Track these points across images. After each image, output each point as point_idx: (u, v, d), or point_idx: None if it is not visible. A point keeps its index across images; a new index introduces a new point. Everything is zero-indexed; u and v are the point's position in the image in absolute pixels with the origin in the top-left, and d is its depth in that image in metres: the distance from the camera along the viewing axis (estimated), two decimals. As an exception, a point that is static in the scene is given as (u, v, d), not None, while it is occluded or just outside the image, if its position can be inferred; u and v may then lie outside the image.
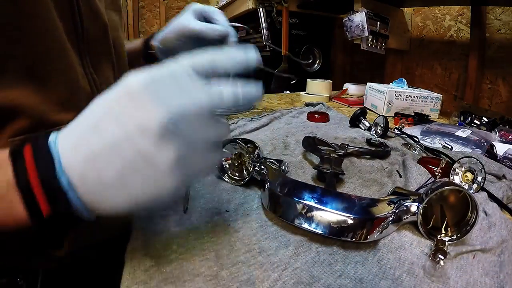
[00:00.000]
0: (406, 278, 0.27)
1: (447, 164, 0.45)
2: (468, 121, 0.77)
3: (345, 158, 0.51)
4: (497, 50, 1.02)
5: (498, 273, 0.28)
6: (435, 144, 0.61)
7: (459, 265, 0.29)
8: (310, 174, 0.47)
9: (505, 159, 0.53)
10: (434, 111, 0.86)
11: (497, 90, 1.04)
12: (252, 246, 0.31)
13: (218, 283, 0.26)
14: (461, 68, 1.15)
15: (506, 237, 0.32)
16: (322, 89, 1.09)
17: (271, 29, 1.45)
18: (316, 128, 0.71)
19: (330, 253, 0.30)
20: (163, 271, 0.27)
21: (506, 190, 0.42)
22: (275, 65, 1.51)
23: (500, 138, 0.63)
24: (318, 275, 0.28)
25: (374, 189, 0.43)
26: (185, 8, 0.53)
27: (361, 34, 1.05)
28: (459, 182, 0.42)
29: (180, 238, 0.32)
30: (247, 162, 0.43)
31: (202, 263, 0.28)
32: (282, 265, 0.28)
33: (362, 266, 0.29)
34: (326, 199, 0.33)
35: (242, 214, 0.36)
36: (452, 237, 0.32)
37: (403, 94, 0.84)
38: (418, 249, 0.31)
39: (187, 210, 0.36)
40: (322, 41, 1.77)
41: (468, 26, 1.09)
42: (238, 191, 0.41)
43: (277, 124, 0.73)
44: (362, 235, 0.31)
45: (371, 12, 1.05)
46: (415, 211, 0.33)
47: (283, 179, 0.39)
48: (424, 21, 1.27)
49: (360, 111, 0.71)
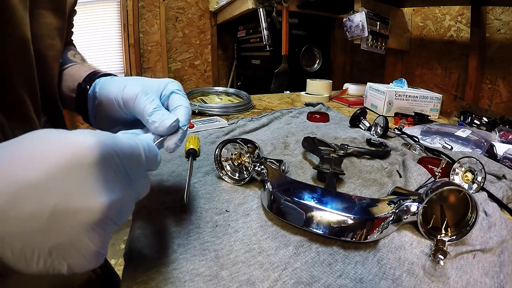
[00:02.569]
0: (406, 278, 0.27)
1: (447, 164, 0.45)
2: (468, 121, 0.77)
3: (345, 158, 0.51)
4: (497, 50, 1.02)
5: (498, 273, 0.28)
6: (435, 144, 0.61)
7: (459, 265, 0.29)
8: (310, 174, 0.47)
9: (505, 159, 0.53)
10: (434, 111, 0.86)
11: (497, 90, 1.04)
12: (252, 246, 0.31)
13: (218, 283, 0.26)
14: (461, 68, 1.15)
15: (506, 237, 0.32)
16: (322, 89, 1.09)
17: (271, 29, 1.46)
18: (316, 128, 0.71)
19: (330, 253, 0.30)
20: (163, 271, 0.27)
21: (506, 190, 0.42)
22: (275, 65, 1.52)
23: (500, 138, 0.63)
24: (318, 275, 0.28)
25: (374, 189, 0.43)
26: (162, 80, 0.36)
27: (361, 34, 1.05)
28: (459, 182, 0.42)
29: (180, 238, 0.32)
30: (247, 162, 0.43)
31: (202, 263, 0.28)
32: (282, 265, 0.28)
33: (362, 266, 0.29)
34: (326, 199, 0.33)
35: (242, 214, 0.36)
36: (452, 237, 0.32)
37: (403, 94, 0.84)
38: (418, 249, 0.31)
39: (187, 210, 0.36)
40: (322, 41, 1.77)
41: (468, 26, 1.09)
42: (238, 191, 0.41)
43: (277, 124, 0.73)
44: (362, 235, 0.31)
45: (371, 12, 1.05)
46: (415, 211, 0.33)
47: (283, 179, 0.39)
48: (424, 21, 1.28)
49: (360, 111, 0.71)
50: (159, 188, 0.41)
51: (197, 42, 2.24)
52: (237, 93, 0.97)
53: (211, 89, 1.02)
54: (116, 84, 0.34)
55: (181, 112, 0.31)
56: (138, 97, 0.31)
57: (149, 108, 0.30)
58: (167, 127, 0.29)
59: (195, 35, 2.22)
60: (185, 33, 2.19)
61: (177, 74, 2.23)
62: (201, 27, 2.23)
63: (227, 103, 0.85)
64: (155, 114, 0.30)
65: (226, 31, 2.27)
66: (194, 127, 0.66)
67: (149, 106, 0.30)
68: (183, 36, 2.19)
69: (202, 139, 0.59)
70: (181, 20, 2.16)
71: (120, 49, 2.05)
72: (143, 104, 0.31)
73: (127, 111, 0.33)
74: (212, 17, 2.19)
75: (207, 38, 2.26)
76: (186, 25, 2.18)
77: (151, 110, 0.30)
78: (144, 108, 0.30)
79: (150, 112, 0.30)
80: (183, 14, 2.16)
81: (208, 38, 2.26)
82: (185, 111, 0.31)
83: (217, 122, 0.70)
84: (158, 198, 0.39)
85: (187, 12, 2.16)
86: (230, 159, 0.44)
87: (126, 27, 1.99)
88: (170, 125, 0.29)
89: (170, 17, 2.12)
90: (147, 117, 0.30)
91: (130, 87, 0.32)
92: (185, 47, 2.22)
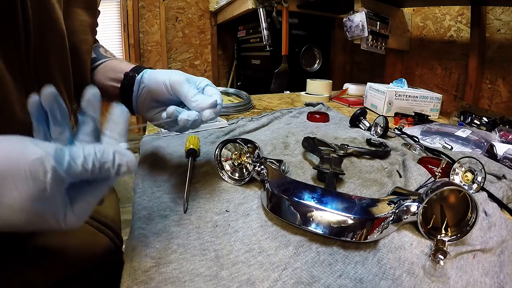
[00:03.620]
0: (406, 278, 0.27)
1: (447, 164, 0.45)
2: (468, 121, 0.77)
3: (345, 158, 0.51)
4: (497, 50, 1.02)
5: (498, 273, 0.28)
6: (435, 144, 0.61)
7: (459, 265, 0.29)
8: (310, 174, 0.47)
9: (505, 159, 0.53)
10: (434, 111, 0.86)
11: (497, 90, 1.04)
12: (252, 246, 0.31)
13: (218, 283, 0.26)
14: (461, 68, 1.15)
15: (506, 237, 0.32)
16: (322, 89, 1.09)
17: (271, 29, 1.45)
18: (316, 128, 0.71)
19: (330, 253, 0.30)
20: (163, 271, 0.27)
21: (506, 190, 0.42)
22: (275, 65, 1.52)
23: (500, 138, 0.63)
24: (318, 275, 0.28)
25: (374, 189, 0.43)
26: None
27: (361, 34, 1.05)
28: (459, 182, 0.42)
29: (180, 238, 0.32)
30: (247, 162, 0.43)
31: (202, 263, 0.28)
32: (282, 265, 0.28)
33: (362, 266, 0.29)
34: (326, 199, 0.33)
35: (242, 214, 0.36)
36: (452, 237, 0.32)
37: (403, 94, 0.84)
38: (418, 249, 0.31)
39: (187, 210, 0.36)
40: (322, 41, 1.77)
41: (468, 26, 1.09)
42: (238, 191, 0.41)
43: (277, 124, 0.73)
44: (362, 235, 0.31)
45: (371, 12, 1.05)
46: (415, 211, 0.33)
47: (283, 179, 0.39)
48: (424, 21, 1.28)
49: (360, 111, 0.71)
50: (159, 188, 0.41)
51: (197, 42, 2.24)
52: (237, 93, 0.97)
53: (211, 89, 1.02)
54: (164, 72, 0.41)
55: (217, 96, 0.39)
56: (183, 83, 0.39)
57: (192, 92, 0.38)
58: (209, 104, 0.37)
59: (195, 35, 2.23)
60: (185, 33, 2.19)
61: (177, 74, 2.23)
62: (201, 27, 2.23)
63: (227, 103, 0.85)
64: (197, 96, 0.38)
65: (226, 31, 2.27)
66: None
67: (192, 90, 0.38)
68: (183, 36, 2.19)
69: (202, 139, 0.59)
70: (181, 20, 2.16)
71: (120, 49, 2.05)
72: (187, 89, 0.38)
73: (172, 93, 0.40)
74: (212, 17, 2.19)
75: (207, 38, 2.26)
76: (186, 25, 2.18)
77: (193, 93, 0.38)
78: (188, 91, 0.38)
79: (193, 94, 0.38)
80: (183, 14, 2.16)
81: (208, 38, 2.26)
82: (219, 96, 0.39)
83: (217, 122, 0.70)
84: (158, 198, 0.39)
85: (187, 12, 2.16)
86: (230, 159, 0.44)
87: (126, 27, 1.99)
88: (211, 102, 0.37)
89: (170, 17, 2.12)
90: (191, 98, 0.38)
91: (176, 75, 0.40)
92: (185, 47, 2.22)
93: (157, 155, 0.52)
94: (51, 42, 0.33)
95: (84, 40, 0.41)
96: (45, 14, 0.31)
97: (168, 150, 0.54)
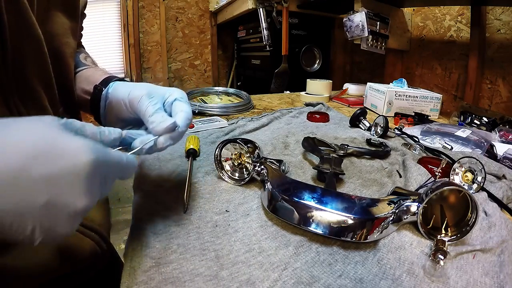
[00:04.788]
0: (406, 278, 0.27)
1: (447, 164, 0.45)
2: (468, 121, 0.77)
3: (345, 158, 0.51)
4: (497, 50, 1.02)
5: (498, 273, 0.28)
6: (435, 144, 0.61)
7: (459, 265, 0.29)
8: (310, 174, 0.47)
9: (505, 159, 0.53)
10: (434, 111, 0.86)
11: (497, 90, 1.04)
12: (252, 246, 0.31)
13: (218, 283, 0.26)
14: (461, 68, 1.15)
15: (506, 237, 0.32)
16: (322, 89, 1.09)
17: (271, 29, 1.46)
18: (316, 128, 0.71)
19: (330, 253, 0.30)
20: (163, 271, 0.27)
21: (506, 190, 0.42)
22: (275, 65, 1.52)
23: (500, 138, 0.63)
24: (318, 275, 0.28)
25: (374, 189, 0.43)
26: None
27: (361, 34, 1.05)
28: (459, 182, 0.42)
29: (180, 238, 0.32)
30: (247, 162, 0.43)
31: (202, 263, 0.28)
32: (282, 265, 0.28)
33: (362, 266, 0.29)
34: (326, 199, 0.33)
35: (242, 214, 0.36)
36: (452, 237, 0.32)
37: (403, 94, 0.84)
38: (418, 249, 0.31)
39: (187, 210, 0.36)
40: (322, 41, 1.77)
41: (468, 26, 1.09)
42: (238, 191, 0.41)
43: (277, 124, 0.73)
44: (362, 235, 0.31)
45: (371, 12, 1.05)
46: (415, 211, 0.33)
47: (283, 179, 0.39)
48: (424, 21, 1.28)
49: (360, 111, 0.71)
50: (159, 188, 0.41)
51: (197, 42, 2.24)
52: (237, 93, 0.97)
53: (211, 89, 1.02)
54: (126, 86, 0.36)
55: (181, 116, 0.33)
56: (142, 99, 0.34)
57: (151, 110, 0.33)
58: (164, 128, 0.31)
59: (195, 35, 2.22)
60: (185, 33, 2.19)
61: (177, 74, 2.23)
62: (201, 27, 2.23)
63: (227, 103, 0.85)
64: (155, 116, 0.32)
65: (226, 31, 2.27)
66: (194, 127, 0.66)
67: (150, 108, 0.33)
68: (183, 36, 2.19)
69: (202, 139, 0.59)
70: (181, 20, 2.16)
71: (120, 49, 2.05)
72: (146, 106, 0.33)
73: (132, 111, 0.35)
74: (212, 17, 2.19)
75: (207, 38, 2.26)
76: (186, 25, 2.18)
77: (152, 112, 0.33)
78: (146, 109, 0.33)
79: (151, 113, 0.32)
80: (183, 14, 2.16)
81: (208, 38, 2.26)
82: (184, 116, 0.34)
83: (217, 122, 0.70)
84: (158, 198, 0.39)
85: (187, 12, 2.16)
86: (230, 159, 0.44)
87: (126, 27, 1.99)
88: (167, 127, 0.31)
89: (170, 17, 2.12)
90: (148, 118, 0.32)
91: (137, 90, 0.35)
92: (185, 47, 2.22)
93: (157, 155, 0.52)
94: (28, 48, 0.32)
95: (66, 43, 0.39)
96: (21, 20, 0.30)
97: (168, 150, 0.54)
